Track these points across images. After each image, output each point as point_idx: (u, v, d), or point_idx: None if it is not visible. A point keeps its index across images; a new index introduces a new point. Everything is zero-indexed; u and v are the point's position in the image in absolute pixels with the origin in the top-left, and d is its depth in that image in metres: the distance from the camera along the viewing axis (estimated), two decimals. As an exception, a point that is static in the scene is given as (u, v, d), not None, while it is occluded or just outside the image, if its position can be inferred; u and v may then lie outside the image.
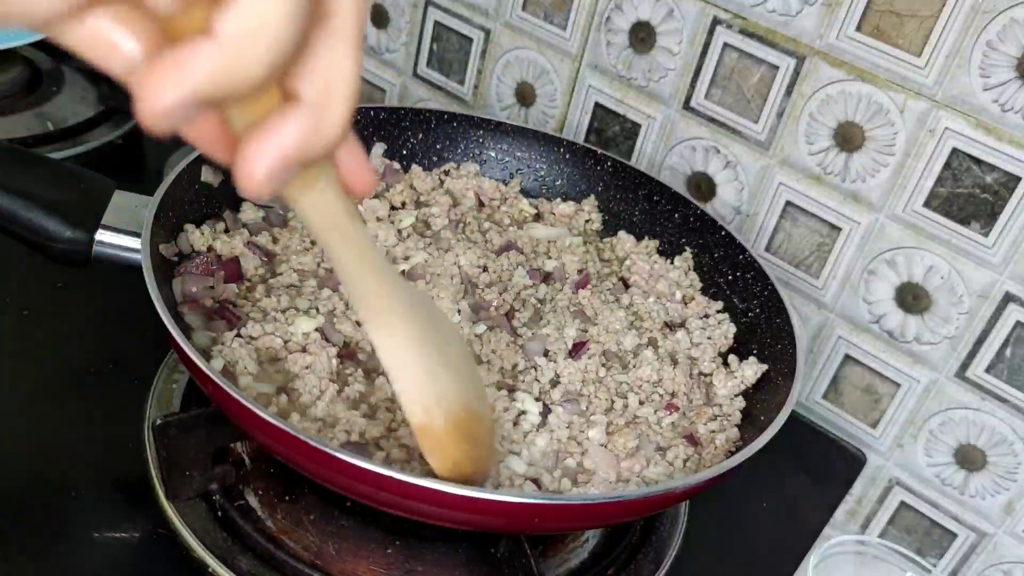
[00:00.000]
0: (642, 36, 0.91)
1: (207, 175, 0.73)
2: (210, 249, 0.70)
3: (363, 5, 0.34)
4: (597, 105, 0.97)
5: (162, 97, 0.29)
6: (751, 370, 0.72)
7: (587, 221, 0.89)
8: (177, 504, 0.64)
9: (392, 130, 0.88)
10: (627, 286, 0.81)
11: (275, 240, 0.74)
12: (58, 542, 0.60)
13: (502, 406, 0.64)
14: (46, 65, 1.09)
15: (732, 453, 0.65)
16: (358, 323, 0.67)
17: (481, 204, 0.87)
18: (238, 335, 0.64)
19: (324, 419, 0.60)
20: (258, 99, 0.32)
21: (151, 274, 0.60)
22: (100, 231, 0.65)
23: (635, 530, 0.72)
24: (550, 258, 0.81)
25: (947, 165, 0.77)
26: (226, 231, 0.73)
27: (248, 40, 0.29)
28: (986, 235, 0.77)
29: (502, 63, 1.02)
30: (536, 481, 0.60)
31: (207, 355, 0.62)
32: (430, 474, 0.54)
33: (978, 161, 0.76)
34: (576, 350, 0.70)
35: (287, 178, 0.34)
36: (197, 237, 0.69)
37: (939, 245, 0.80)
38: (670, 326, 0.77)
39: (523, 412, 0.64)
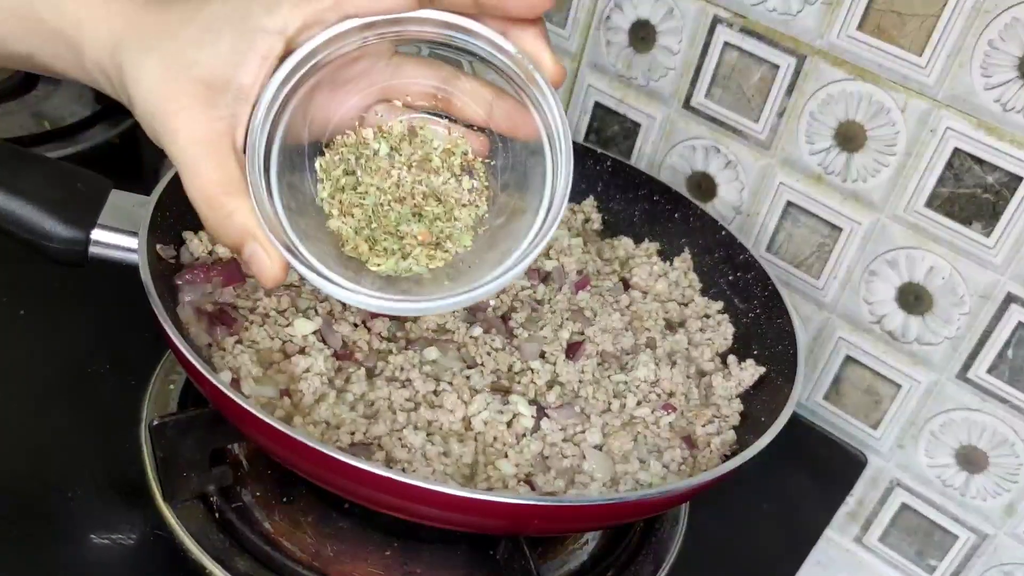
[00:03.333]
0: (642, 35, 0.91)
1: None
2: (210, 253, 0.69)
3: None
4: (597, 104, 0.96)
5: None
6: (749, 372, 0.72)
7: (586, 221, 0.88)
8: (174, 505, 0.63)
9: (391, 129, 0.88)
10: (627, 287, 0.81)
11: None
12: (55, 543, 0.60)
13: (496, 409, 0.63)
14: (43, 64, 1.08)
15: (728, 457, 0.65)
16: (355, 324, 0.67)
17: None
18: (238, 341, 0.63)
19: (328, 421, 0.60)
20: None
21: (148, 274, 0.60)
22: (97, 230, 0.64)
23: (635, 532, 0.72)
24: (549, 259, 0.81)
25: (949, 165, 0.77)
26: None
27: None
28: (988, 235, 0.77)
29: (501, 62, 1.01)
30: (530, 483, 0.60)
31: (204, 355, 0.62)
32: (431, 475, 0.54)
33: (980, 161, 0.76)
34: (573, 351, 0.70)
35: None
36: (197, 245, 0.69)
37: (940, 245, 0.79)
38: (670, 326, 0.77)
39: (517, 415, 0.64)
